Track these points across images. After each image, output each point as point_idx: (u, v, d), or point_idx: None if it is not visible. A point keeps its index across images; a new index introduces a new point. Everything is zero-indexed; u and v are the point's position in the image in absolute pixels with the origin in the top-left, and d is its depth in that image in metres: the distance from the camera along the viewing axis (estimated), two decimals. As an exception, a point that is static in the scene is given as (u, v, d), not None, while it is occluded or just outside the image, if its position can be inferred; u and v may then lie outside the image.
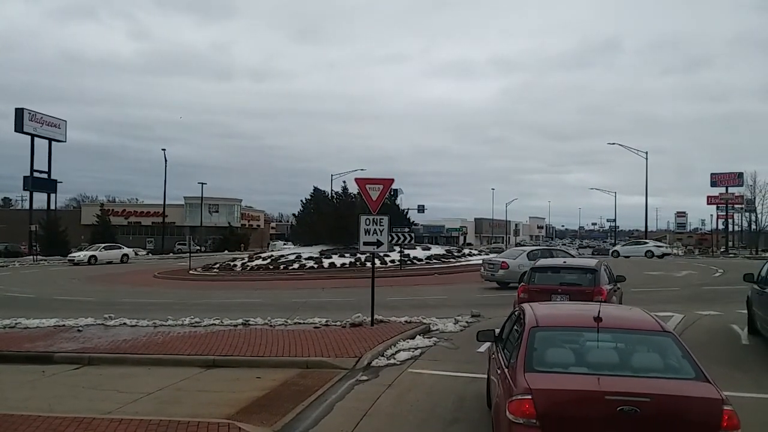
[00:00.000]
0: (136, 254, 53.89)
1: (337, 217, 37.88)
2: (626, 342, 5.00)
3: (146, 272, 35.69)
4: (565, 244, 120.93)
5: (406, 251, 34.06)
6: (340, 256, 33.52)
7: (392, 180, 12.89)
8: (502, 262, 21.43)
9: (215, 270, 34.81)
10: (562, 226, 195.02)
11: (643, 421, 4.12)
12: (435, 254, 35.86)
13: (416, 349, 10.32)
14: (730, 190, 69.94)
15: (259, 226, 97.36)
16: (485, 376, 6.92)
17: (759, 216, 69.60)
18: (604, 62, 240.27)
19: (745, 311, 12.00)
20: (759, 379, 8.29)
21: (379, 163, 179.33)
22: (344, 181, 43.58)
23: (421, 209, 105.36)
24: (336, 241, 37.74)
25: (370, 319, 12.57)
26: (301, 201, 46.45)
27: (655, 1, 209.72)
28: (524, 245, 55.15)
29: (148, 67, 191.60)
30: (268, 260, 35.43)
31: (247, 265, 34.86)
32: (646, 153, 59.14)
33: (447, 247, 44.61)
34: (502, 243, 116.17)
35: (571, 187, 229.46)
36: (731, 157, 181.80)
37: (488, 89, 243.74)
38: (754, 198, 68.99)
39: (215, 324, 13.15)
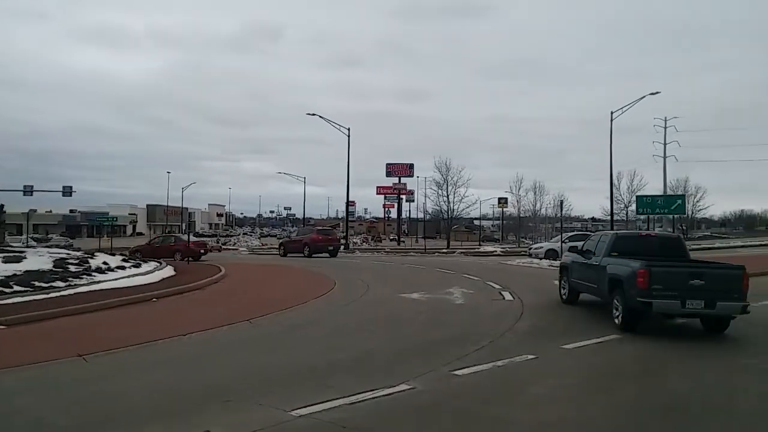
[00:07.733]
0: None
1: None
2: None
3: None
4: (246, 233, 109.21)
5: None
6: None
7: None
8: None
9: None
10: (242, 213, 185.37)
11: None
12: (29, 271, 17.78)
13: None
14: (403, 180, 77.65)
15: None
16: None
17: (451, 204, 68.35)
18: (268, 50, 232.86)
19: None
20: None
21: (25, 140, 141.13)
22: None
23: (67, 191, 79.88)
24: None
25: None
26: None
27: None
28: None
29: None
30: None
31: None
32: (348, 129, 51.13)
33: (64, 253, 24.66)
34: (179, 231, 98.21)
35: (249, 175, 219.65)
36: (393, 153, 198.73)
37: (150, 64, 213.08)
38: (447, 184, 67.85)
39: None
